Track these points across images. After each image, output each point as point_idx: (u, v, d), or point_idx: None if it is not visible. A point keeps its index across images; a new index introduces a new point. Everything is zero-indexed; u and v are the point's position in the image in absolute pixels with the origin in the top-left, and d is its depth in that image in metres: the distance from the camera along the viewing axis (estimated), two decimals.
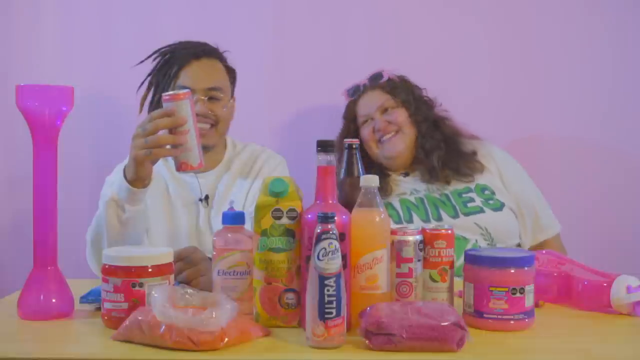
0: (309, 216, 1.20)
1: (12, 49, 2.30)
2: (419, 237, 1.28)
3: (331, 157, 1.22)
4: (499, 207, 1.92)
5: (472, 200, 1.93)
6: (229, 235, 1.28)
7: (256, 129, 2.20)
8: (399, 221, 1.90)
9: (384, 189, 1.98)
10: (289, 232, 1.23)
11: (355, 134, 2.07)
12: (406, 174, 2.05)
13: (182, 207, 1.85)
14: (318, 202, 1.23)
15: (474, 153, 2.03)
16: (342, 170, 1.34)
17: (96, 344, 1.18)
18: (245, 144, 1.98)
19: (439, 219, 1.90)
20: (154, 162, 1.50)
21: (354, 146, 1.35)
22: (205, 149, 1.82)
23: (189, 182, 1.87)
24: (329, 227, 1.12)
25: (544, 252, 1.51)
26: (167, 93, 1.46)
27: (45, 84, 1.32)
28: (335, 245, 1.12)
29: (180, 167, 1.46)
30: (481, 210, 1.90)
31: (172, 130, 1.44)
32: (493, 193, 1.95)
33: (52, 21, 2.30)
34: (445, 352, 1.09)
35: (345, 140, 1.36)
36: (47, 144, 1.31)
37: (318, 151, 1.22)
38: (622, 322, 1.31)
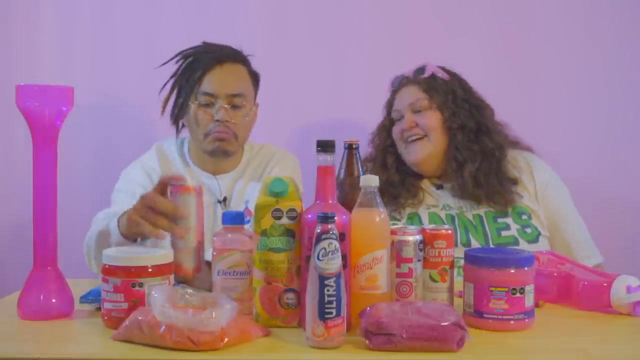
0: (309, 216, 1.20)
1: (12, 49, 2.30)
2: (419, 237, 1.27)
3: (331, 157, 1.22)
4: (535, 238, 1.79)
5: (507, 227, 1.79)
6: (229, 235, 1.28)
7: (256, 129, 2.19)
8: None
9: (416, 196, 1.87)
10: (289, 232, 1.23)
11: (390, 128, 1.93)
12: (440, 187, 1.90)
13: None
14: (318, 202, 1.23)
15: (515, 182, 1.85)
16: (342, 171, 1.34)
17: (96, 344, 1.18)
18: (262, 145, 1.98)
19: (468, 244, 1.76)
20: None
21: (354, 146, 1.35)
22: (226, 155, 1.84)
23: (208, 184, 1.87)
24: (329, 227, 1.12)
25: (544, 252, 1.51)
26: (173, 180, 1.34)
27: (45, 84, 1.31)
28: (335, 245, 1.12)
29: (175, 269, 1.30)
30: (515, 242, 1.77)
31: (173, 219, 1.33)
32: (530, 218, 1.82)
33: (52, 21, 2.29)
34: (445, 352, 1.09)
35: (345, 140, 1.36)
36: (47, 144, 1.31)
37: (318, 151, 1.22)
38: (622, 322, 1.31)
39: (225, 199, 1.87)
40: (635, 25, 2.28)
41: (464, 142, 1.85)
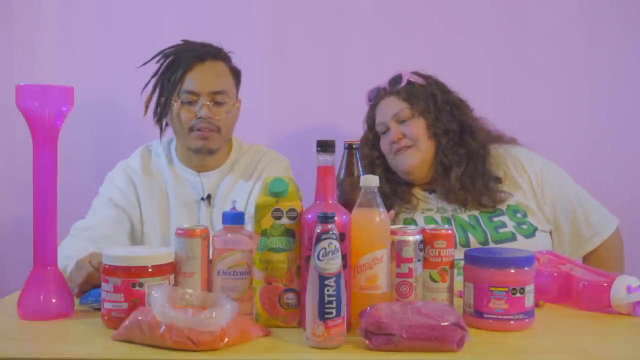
0: (309, 216, 1.20)
1: (13, 49, 2.30)
2: (419, 237, 1.27)
3: (331, 157, 1.22)
4: (531, 232, 1.79)
5: (504, 225, 1.80)
6: (229, 235, 1.28)
7: (257, 129, 2.20)
8: None
9: (410, 203, 1.88)
10: (289, 232, 1.23)
11: (375, 142, 1.94)
12: (432, 191, 1.91)
13: (182, 206, 1.86)
14: (318, 202, 1.23)
15: (500, 180, 1.86)
16: (342, 171, 1.35)
17: (96, 344, 1.18)
18: (251, 145, 1.98)
19: (467, 244, 1.77)
20: None
21: (354, 146, 1.35)
22: (210, 152, 1.84)
23: (191, 181, 1.88)
24: (329, 227, 1.12)
25: (544, 252, 1.51)
26: (181, 227, 1.31)
27: (45, 84, 1.32)
28: (335, 245, 1.12)
29: None
30: (513, 238, 1.77)
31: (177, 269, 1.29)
32: (525, 216, 1.82)
33: (52, 21, 2.29)
34: (445, 352, 1.09)
35: (345, 140, 1.36)
36: (47, 144, 1.31)
37: (318, 151, 1.22)
38: (622, 322, 1.31)
39: (209, 197, 1.87)
40: (635, 24, 2.28)
41: (449, 146, 1.86)
